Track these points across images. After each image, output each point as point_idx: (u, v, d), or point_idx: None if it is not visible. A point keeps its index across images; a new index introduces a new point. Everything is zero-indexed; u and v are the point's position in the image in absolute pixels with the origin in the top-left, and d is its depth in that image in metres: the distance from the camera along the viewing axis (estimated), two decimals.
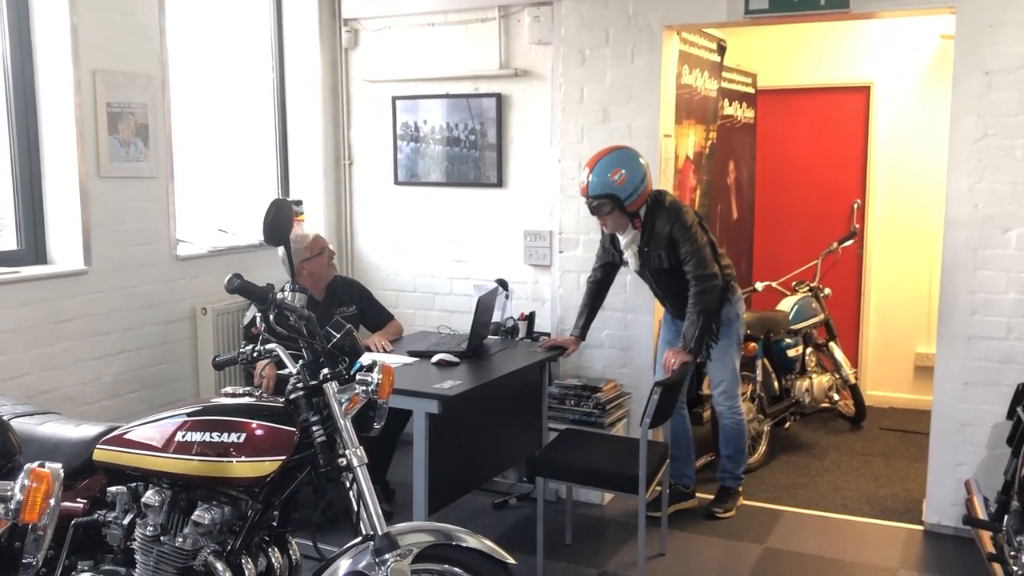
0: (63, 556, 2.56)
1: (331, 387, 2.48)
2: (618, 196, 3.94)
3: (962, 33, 3.99)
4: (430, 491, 3.61)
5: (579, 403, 4.50)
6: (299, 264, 4.27)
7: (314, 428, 2.46)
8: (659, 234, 4.04)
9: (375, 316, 4.60)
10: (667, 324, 4.44)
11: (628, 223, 4.06)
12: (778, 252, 6.47)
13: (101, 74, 4.04)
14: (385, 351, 4.27)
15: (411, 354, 4.16)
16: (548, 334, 4.77)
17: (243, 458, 2.40)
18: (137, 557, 2.49)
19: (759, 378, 5.14)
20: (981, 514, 3.57)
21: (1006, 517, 3.37)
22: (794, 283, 5.90)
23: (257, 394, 2.62)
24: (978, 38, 3.95)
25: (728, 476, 4.51)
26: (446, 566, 2.45)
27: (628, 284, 4.63)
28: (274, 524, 2.57)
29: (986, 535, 3.46)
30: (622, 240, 4.14)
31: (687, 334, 4.02)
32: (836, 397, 5.79)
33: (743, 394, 4.95)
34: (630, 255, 4.15)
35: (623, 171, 3.93)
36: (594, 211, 4.06)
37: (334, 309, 4.28)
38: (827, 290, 5.90)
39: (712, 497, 4.51)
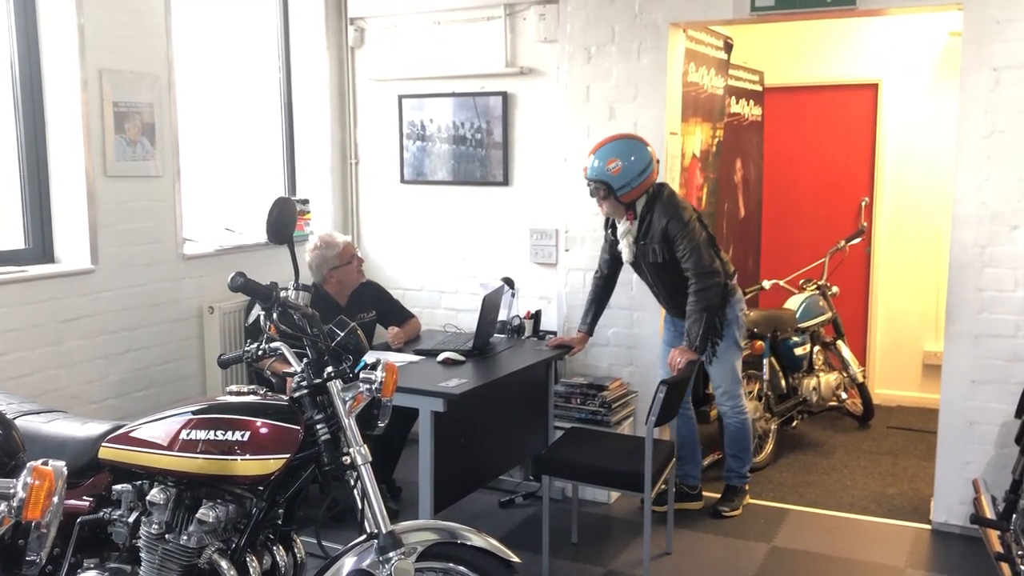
0: (69, 554, 2.57)
1: (335, 385, 2.48)
2: (611, 185, 3.97)
3: (970, 29, 3.97)
4: (435, 489, 3.60)
5: (585, 401, 4.49)
6: (328, 272, 4.29)
7: (318, 426, 2.47)
8: (655, 228, 4.04)
9: (395, 317, 4.56)
10: (667, 324, 4.43)
11: (623, 212, 4.08)
12: (785, 250, 6.45)
13: (108, 73, 4.05)
14: (392, 346, 4.27)
15: (417, 352, 4.16)
16: (554, 332, 4.77)
17: (247, 456, 2.41)
18: (142, 555, 2.50)
19: (766, 376, 5.12)
20: (989, 513, 3.55)
21: (1014, 516, 3.36)
22: (801, 281, 5.88)
23: (261, 392, 2.62)
24: (986, 34, 3.92)
25: (734, 475, 4.50)
26: (451, 564, 2.44)
27: (634, 283, 4.61)
28: (279, 522, 2.58)
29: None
30: (619, 229, 4.16)
31: (691, 332, 3.99)
32: (843, 396, 5.77)
33: (750, 392, 4.94)
34: (625, 245, 4.16)
35: (620, 162, 3.95)
36: (592, 193, 4.10)
37: (356, 315, 4.25)
38: (835, 288, 5.88)
39: (719, 496, 4.51)
